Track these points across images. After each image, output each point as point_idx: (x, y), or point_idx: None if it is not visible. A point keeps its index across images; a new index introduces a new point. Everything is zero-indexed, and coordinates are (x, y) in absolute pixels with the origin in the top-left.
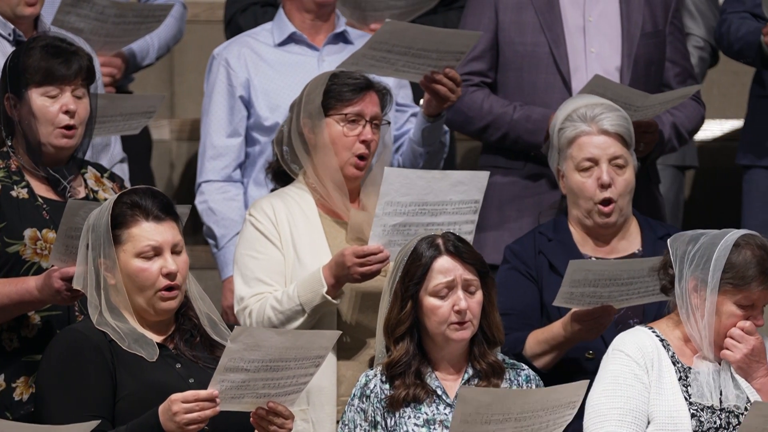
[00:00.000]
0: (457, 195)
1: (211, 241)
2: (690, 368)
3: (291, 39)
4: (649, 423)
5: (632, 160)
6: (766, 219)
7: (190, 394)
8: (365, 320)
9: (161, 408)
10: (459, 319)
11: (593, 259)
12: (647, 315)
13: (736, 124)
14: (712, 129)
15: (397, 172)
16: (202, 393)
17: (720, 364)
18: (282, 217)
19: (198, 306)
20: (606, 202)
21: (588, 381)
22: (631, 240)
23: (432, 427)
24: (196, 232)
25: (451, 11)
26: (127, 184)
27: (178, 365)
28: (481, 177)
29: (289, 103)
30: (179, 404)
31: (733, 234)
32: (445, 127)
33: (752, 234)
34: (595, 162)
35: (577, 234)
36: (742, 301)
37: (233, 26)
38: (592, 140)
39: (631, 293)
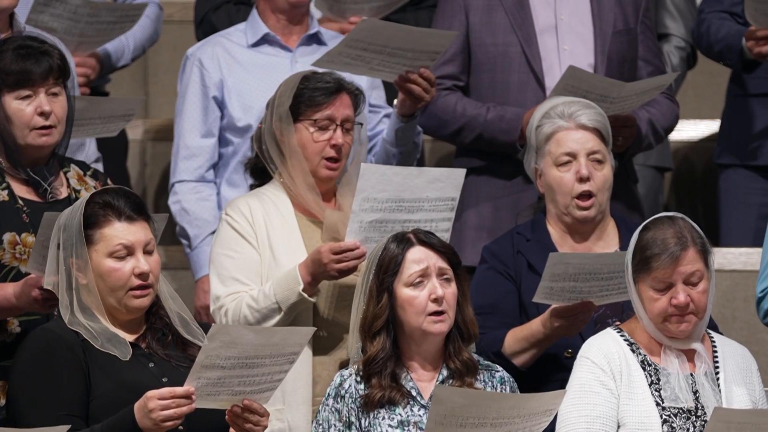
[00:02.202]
0: (433, 192)
1: (184, 241)
2: (663, 368)
3: (264, 40)
4: (620, 428)
5: (610, 158)
6: (744, 218)
7: (166, 391)
8: (341, 315)
9: (137, 405)
10: (436, 307)
11: None
12: (626, 314)
13: (711, 124)
14: (686, 129)
15: (373, 168)
16: (178, 390)
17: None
18: (258, 216)
19: (169, 305)
20: (584, 196)
21: (565, 391)
22: (609, 241)
23: (406, 428)
24: (170, 232)
25: (422, 10)
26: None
27: (151, 364)
28: (458, 174)
29: (263, 104)
30: (155, 401)
31: (651, 218)
32: (419, 128)
33: (669, 215)
34: (573, 156)
35: (555, 234)
36: (654, 284)
37: (206, 25)
38: (570, 135)
39: (611, 289)
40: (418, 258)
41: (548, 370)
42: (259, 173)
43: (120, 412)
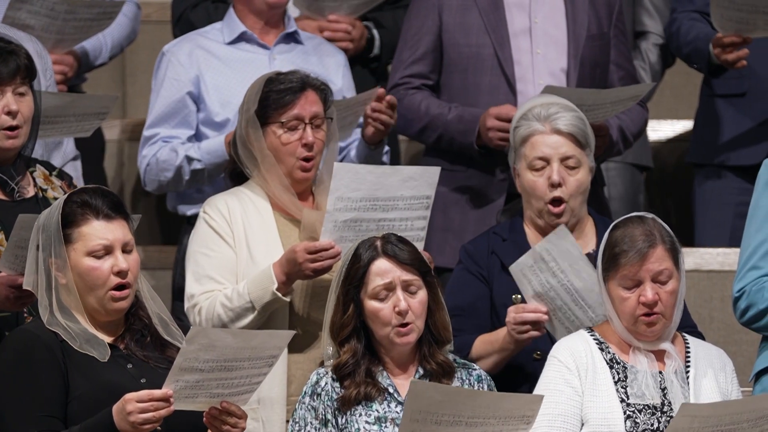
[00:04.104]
0: (408, 191)
1: (187, 165)
2: (631, 366)
3: (242, 38)
4: (584, 425)
5: (588, 161)
6: (720, 218)
7: (144, 393)
8: (317, 314)
9: (115, 408)
10: (400, 320)
11: None
12: None
13: (688, 124)
14: (664, 129)
15: (346, 168)
16: (157, 393)
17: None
18: (236, 214)
19: (149, 306)
20: (556, 202)
21: (542, 396)
22: (587, 240)
23: (383, 424)
24: (150, 232)
25: (399, 9)
26: (79, 182)
27: (130, 365)
28: (432, 172)
29: (240, 99)
30: (133, 404)
31: (621, 218)
32: (386, 147)
33: (639, 214)
34: (546, 161)
35: (531, 234)
36: (623, 281)
37: (184, 23)
38: (544, 139)
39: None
40: (382, 271)
41: (517, 373)
42: (238, 177)
43: (98, 414)
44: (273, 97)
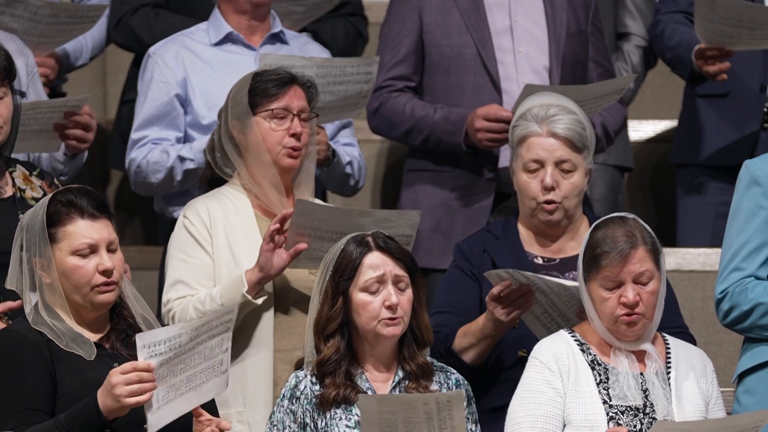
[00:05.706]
0: (384, 231)
1: (180, 166)
2: (612, 368)
3: (227, 39)
4: (566, 426)
5: (584, 164)
6: (702, 218)
7: (127, 365)
8: (303, 319)
9: (100, 389)
10: (390, 314)
11: (539, 258)
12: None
13: (670, 124)
14: (645, 130)
15: (311, 206)
16: (140, 363)
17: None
18: (217, 218)
19: (132, 306)
20: (548, 203)
21: None
22: (580, 240)
23: None
24: (131, 232)
25: (337, 18)
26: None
27: (115, 364)
28: (412, 215)
29: None
30: (118, 376)
31: (602, 218)
32: (346, 158)
33: (620, 215)
34: (541, 164)
35: (524, 233)
36: (604, 282)
37: (123, 28)
38: (540, 142)
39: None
40: (375, 264)
41: (501, 370)
42: (216, 183)
43: (85, 399)
44: (261, 87)
